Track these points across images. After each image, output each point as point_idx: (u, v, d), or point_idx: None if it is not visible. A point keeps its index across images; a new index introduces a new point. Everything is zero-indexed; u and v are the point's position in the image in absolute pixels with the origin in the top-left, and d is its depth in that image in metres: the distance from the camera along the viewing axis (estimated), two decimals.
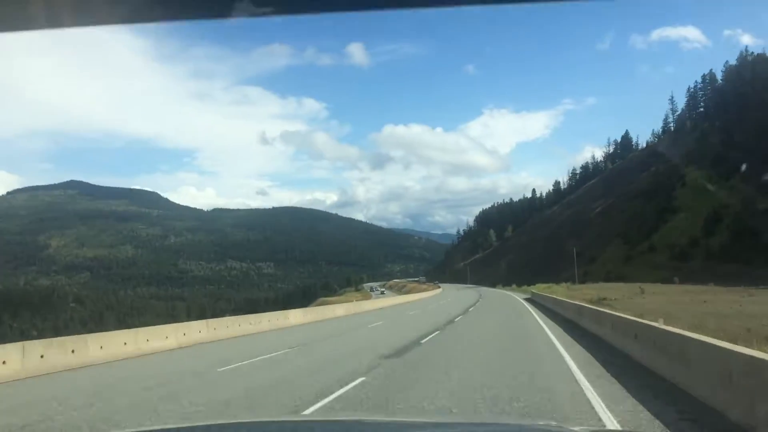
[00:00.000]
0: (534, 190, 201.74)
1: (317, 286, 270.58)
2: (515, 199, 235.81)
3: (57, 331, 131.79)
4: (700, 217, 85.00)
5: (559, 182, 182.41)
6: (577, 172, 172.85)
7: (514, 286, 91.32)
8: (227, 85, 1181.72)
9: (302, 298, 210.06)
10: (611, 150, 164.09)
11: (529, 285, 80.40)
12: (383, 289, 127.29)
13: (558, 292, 52.80)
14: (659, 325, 11.61)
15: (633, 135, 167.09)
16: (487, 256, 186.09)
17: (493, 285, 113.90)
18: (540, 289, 60.55)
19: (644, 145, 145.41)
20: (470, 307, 43.74)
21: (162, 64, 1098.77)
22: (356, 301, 58.18)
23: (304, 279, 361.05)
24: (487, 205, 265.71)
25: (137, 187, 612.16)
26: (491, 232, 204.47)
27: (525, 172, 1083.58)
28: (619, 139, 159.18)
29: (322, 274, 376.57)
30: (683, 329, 11.37)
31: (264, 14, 1.01)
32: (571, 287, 64.31)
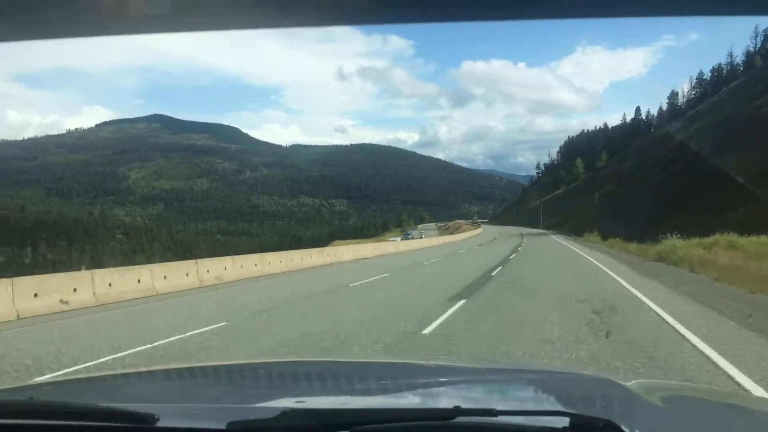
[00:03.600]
0: (638, 109, 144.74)
1: (376, 225, 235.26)
2: (610, 125, 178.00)
3: (96, 264, 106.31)
4: None
5: (676, 93, 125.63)
6: (705, 77, 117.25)
7: (638, 243, 34.79)
8: None
9: (349, 235, 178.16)
10: (758, 44, 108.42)
11: (685, 237, 29.61)
12: (422, 233, 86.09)
13: None
14: None
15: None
16: (570, 192, 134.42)
17: (579, 233, 64.35)
18: None
19: None
20: None
21: None
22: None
23: (376, 217, 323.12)
24: (575, 133, 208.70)
25: (219, 122, 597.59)
26: (578, 161, 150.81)
27: (617, 113, 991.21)
28: None
29: (395, 212, 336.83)
30: None
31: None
32: None
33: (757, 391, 5.06)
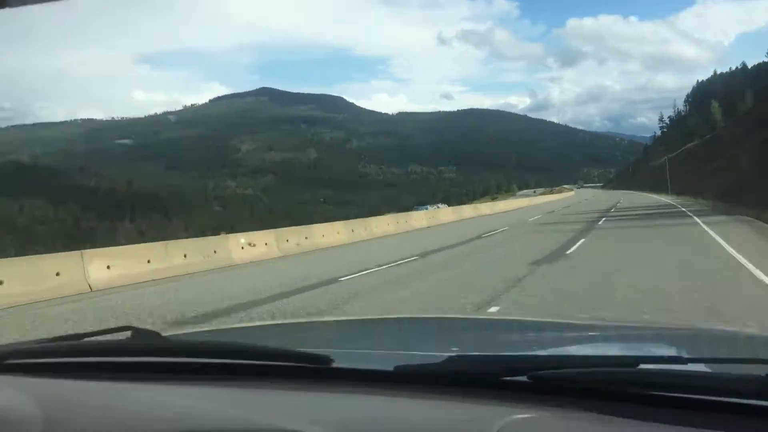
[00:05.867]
0: None
1: (475, 192, 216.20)
2: (749, 64, 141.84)
3: (185, 234, 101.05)
4: None
5: None
6: None
7: None
8: None
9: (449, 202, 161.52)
10: None
11: None
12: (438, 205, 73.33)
13: None
14: None
15: None
16: (707, 144, 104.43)
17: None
18: None
19: None
20: None
21: None
22: None
23: (486, 183, 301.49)
24: (704, 77, 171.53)
25: (324, 93, 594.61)
26: (715, 105, 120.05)
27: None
28: None
29: (505, 178, 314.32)
30: None
31: None
32: None
33: None
